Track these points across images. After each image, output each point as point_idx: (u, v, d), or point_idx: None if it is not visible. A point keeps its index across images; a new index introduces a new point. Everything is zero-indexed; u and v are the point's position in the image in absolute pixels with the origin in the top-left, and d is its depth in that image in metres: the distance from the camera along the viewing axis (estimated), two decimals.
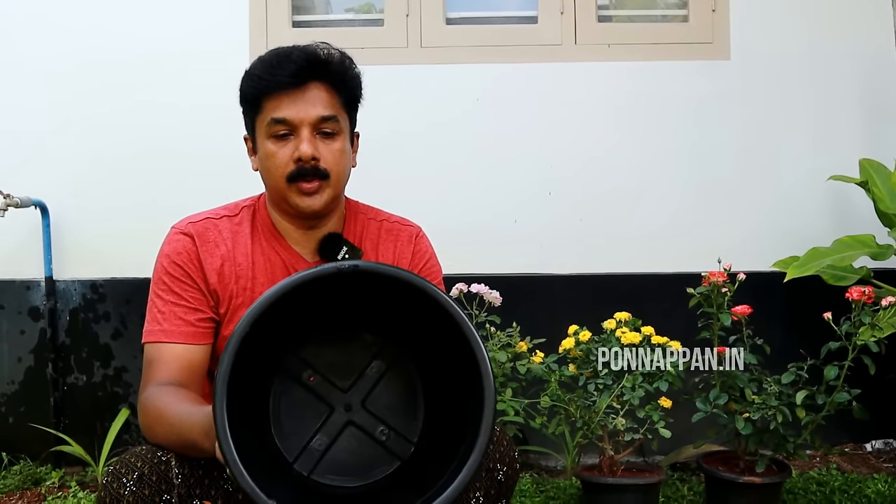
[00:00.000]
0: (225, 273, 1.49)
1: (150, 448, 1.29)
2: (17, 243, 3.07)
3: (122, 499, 1.21)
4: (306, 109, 1.43)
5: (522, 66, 3.08)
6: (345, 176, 1.51)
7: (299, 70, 1.43)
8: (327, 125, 1.45)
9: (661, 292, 2.93)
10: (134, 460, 1.25)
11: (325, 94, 1.45)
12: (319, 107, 1.44)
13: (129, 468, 1.24)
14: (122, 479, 1.22)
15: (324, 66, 1.45)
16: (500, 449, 1.42)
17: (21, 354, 3.10)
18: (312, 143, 1.43)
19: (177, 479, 1.25)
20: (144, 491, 1.22)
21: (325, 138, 1.45)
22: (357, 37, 3.10)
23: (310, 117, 1.43)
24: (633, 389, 2.29)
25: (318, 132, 1.45)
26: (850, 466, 2.85)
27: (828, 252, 2.61)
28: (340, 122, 1.47)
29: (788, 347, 2.47)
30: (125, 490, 1.22)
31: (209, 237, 1.50)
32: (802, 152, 3.07)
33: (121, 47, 3.09)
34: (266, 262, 1.52)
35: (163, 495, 1.23)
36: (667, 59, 3.08)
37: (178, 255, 1.47)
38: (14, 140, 3.09)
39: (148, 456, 1.26)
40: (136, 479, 1.23)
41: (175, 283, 1.46)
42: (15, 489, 2.86)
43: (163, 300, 1.46)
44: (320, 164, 1.44)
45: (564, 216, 3.08)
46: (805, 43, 3.07)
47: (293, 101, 1.43)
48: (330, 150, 1.45)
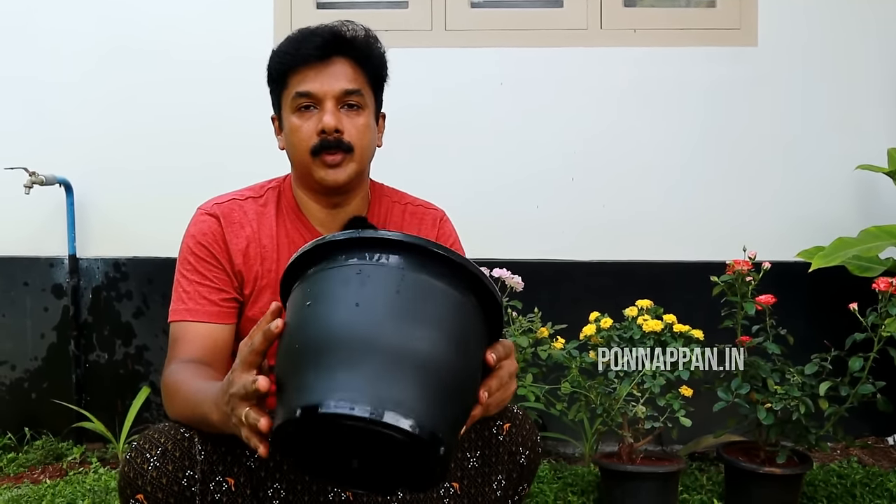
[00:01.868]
0: (250, 254, 1.50)
1: (173, 425, 1.29)
2: (42, 221, 3.10)
3: (146, 474, 1.22)
4: (330, 83, 1.45)
5: (547, 51, 3.06)
6: (369, 151, 1.52)
7: (324, 44, 1.45)
8: (351, 98, 1.46)
9: (683, 280, 2.92)
10: (157, 436, 1.26)
11: (349, 68, 1.47)
12: (343, 80, 1.46)
13: (153, 444, 1.24)
14: (145, 455, 1.23)
15: (348, 41, 1.47)
16: (522, 433, 1.42)
17: (44, 331, 3.13)
18: (336, 115, 1.45)
19: (199, 455, 1.25)
20: (168, 466, 1.23)
21: (349, 111, 1.47)
22: (381, 19, 3.09)
23: (333, 90, 1.45)
24: (654, 378, 2.28)
25: (342, 106, 1.46)
26: (871, 459, 2.83)
27: (854, 242, 2.58)
28: (365, 97, 1.49)
29: (812, 338, 2.45)
30: (149, 465, 1.22)
31: (234, 218, 1.51)
32: (829, 141, 3.03)
33: (146, 26, 3.10)
34: (290, 243, 1.53)
35: (185, 471, 1.24)
36: (693, 45, 3.05)
37: (203, 235, 1.48)
38: (39, 118, 3.11)
39: (171, 432, 1.27)
40: (159, 454, 1.23)
41: (200, 263, 1.47)
42: (37, 464, 2.90)
43: (188, 280, 1.47)
44: (344, 136, 1.45)
45: (587, 202, 3.06)
46: (833, 30, 3.03)
47: (317, 75, 1.45)
48: (354, 124, 1.47)
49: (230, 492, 1.28)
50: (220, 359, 1.46)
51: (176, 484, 1.23)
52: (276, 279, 1.47)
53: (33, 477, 2.79)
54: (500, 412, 1.39)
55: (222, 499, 1.27)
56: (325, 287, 1.02)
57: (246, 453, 1.32)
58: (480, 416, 1.06)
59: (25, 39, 3.12)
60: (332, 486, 1.39)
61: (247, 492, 1.30)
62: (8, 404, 3.13)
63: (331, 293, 1.01)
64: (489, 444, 1.40)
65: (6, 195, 2.98)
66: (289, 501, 1.37)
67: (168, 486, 1.22)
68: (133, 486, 1.22)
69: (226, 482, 1.27)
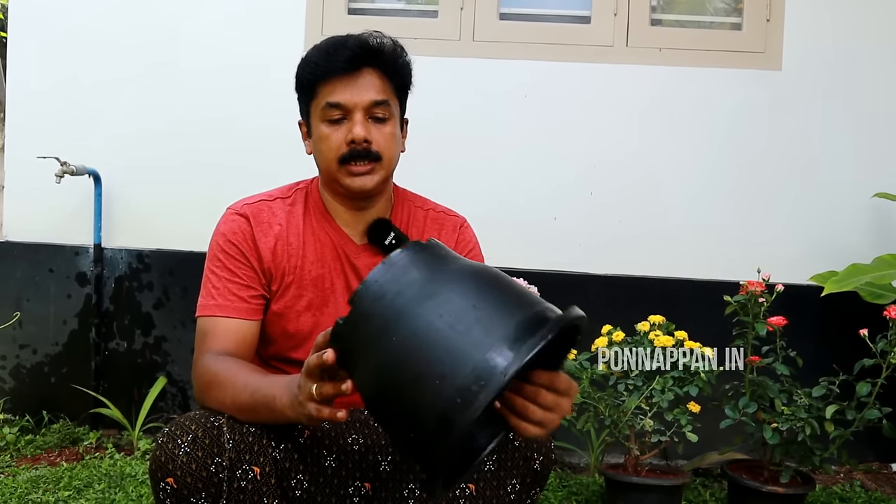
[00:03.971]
0: (278, 252, 1.55)
1: (203, 413, 1.35)
2: (70, 210, 3.17)
3: (177, 458, 1.27)
4: (360, 94, 1.50)
5: (573, 66, 3.11)
6: (395, 159, 1.57)
7: (354, 56, 1.49)
8: (379, 109, 1.51)
9: (696, 298, 2.95)
10: (188, 423, 1.31)
11: (377, 79, 1.52)
12: (372, 91, 1.50)
13: (184, 430, 1.30)
14: (176, 441, 1.29)
15: (377, 53, 1.52)
16: (538, 439, 1.45)
17: (66, 318, 3.20)
18: (365, 126, 1.50)
19: (228, 443, 1.30)
20: (197, 453, 1.28)
21: (376, 122, 1.52)
22: (411, 27, 3.15)
23: (363, 101, 1.50)
24: (663, 392, 2.31)
25: (370, 116, 1.51)
26: (874, 485, 2.85)
27: (867, 269, 2.60)
28: (392, 106, 1.53)
29: (821, 361, 2.48)
30: (179, 451, 1.28)
31: (263, 218, 1.56)
32: (847, 167, 3.06)
33: (178, 27, 3.17)
34: (316, 241, 1.58)
35: (214, 458, 1.29)
36: (718, 67, 3.08)
37: (233, 234, 1.54)
38: (73, 111, 3.19)
39: (202, 420, 1.32)
40: (190, 441, 1.29)
41: (230, 260, 1.53)
42: (54, 447, 2.97)
43: (217, 276, 1.52)
44: (372, 146, 1.51)
45: (604, 216, 3.10)
46: (855, 58, 3.06)
47: (347, 86, 1.50)
48: (382, 134, 1.52)
49: (255, 480, 1.33)
50: (248, 353, 1.51)
51: (205, 469, 1.28)
52: (301, 276, 1.54)
53: (50, 459, 2.86)
54: None
55: (248, 486, 1.32)
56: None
57: (272, 444, 1.37)
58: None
59: (65, 39, 3.20)
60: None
61: (271, 481, 1.35)
62: (28, 387, 3.20)
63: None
64: (505, 449, 1.44)
65: (37, 184, 3.04)
66: (311, 493, 1.42)
67: (197, 472, 1.28)
68: (164, 469, 1.28)
69: (252, 471, 1.32)
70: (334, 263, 1.58)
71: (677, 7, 3.28)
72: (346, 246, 1.59)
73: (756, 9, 3.09)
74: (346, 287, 1.58)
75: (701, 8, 3.26)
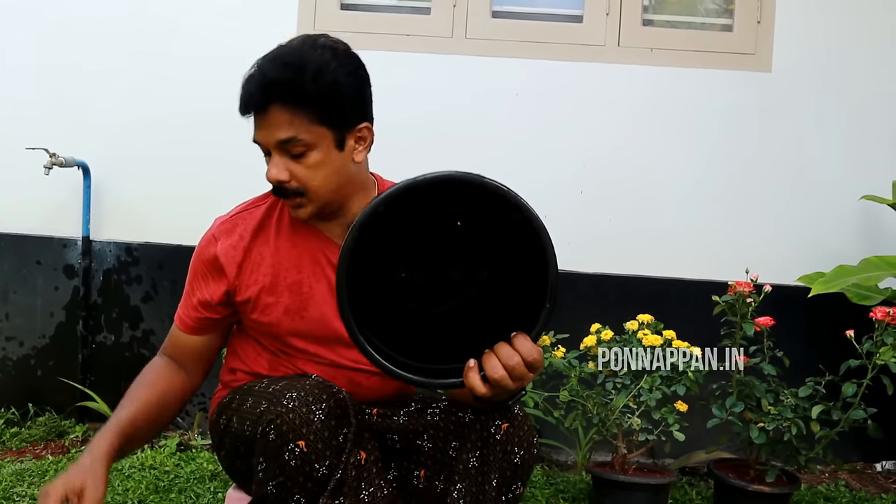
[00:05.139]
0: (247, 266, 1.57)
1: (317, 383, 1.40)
2: (58, 202, 3.15)
3: (312, 424, 1.31)
4: (268, 134, 1.45)
5: (564, 64, 3.11)
6: (327, 185, 1.49)
7: (251, 98, 1.45)
8: (291, 146, 1.44)
9: (684, 298, 2.96)
10: (319, 392, 1.35)
11: (284, 115, 1.43)
12: (278, 131, 1.44)
13: (317, 399, 1.34)
14: (311, 406, 1.32)
15: (275, 86, 1.42)
16: (519, 433, 1.46)
17: (53, 310, 3.18)
18: (279, 165, 1.46)
19: (353, 419, 1.36)
20: (331, 422, 1.33)
21: (294, 158, 1.46)
22: (403, 23, 3.14)
23: (271, 141, 1.45)
24: (651, 391, 2.33)
25: (287, 153, 1.46)
26: (858, 484, 2.87)
27: (854, 270, 2.63)
28: (308, 137, 1.44)
29: (808, 361, 2.50)
30: (315, 417, 1.32)
31: (236, 232, 1.59)
32: (836, 169, 3.08)
33: (170, 18, 3.16)
34: (292, 247, 1.58)
35: (344, 429, 1.34)
36: (708, 67, 3.09)
37: (201, 253, 1.60)
38: (62, 102, 3.17)
39: (330, 390, 1.38)
40: (325, 410, 1.33)
41: (195, 279, 1.61)
42: (39, 440, 2.95)
43: (188, 290, 1.63)
44: (290, 184, 1.47)
45: (594, 215, 3.11)
46: (847, 61, 3.08)
47: (260, 124, 1.47)
48: (301, 168, 1.46)
49: (361, 464, 1.37)
50: (193, 360, 1.65)
51: (335, 439, 1.32)
52: (274, 283, 1.56)
53: (35, 452, 2.84)
54: (502, 412, 1.44)
55: (357, 466, 1.37)
56: None
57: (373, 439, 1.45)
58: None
59: (57, 29, 3.18)
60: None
61: (373, 469, 1.38)
62: (14, 380, 3.18)
63: None
64: (487, 444, 1.45)
65: (26, 175, 3.02)
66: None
67: (329, 440, 1.32)
68: (297, 432, 1.31)
69: (359, 454, 1.37)
70: (313, 268, 1.57)
71: (669, 7, 3.29)
72: (327, 249, 1.58)
73: (747, 10, 3.10)
74: (328, 289, 1.55)
75: (692, 9, 3.27)
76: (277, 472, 1.34)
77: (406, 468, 1.52)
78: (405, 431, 1.52)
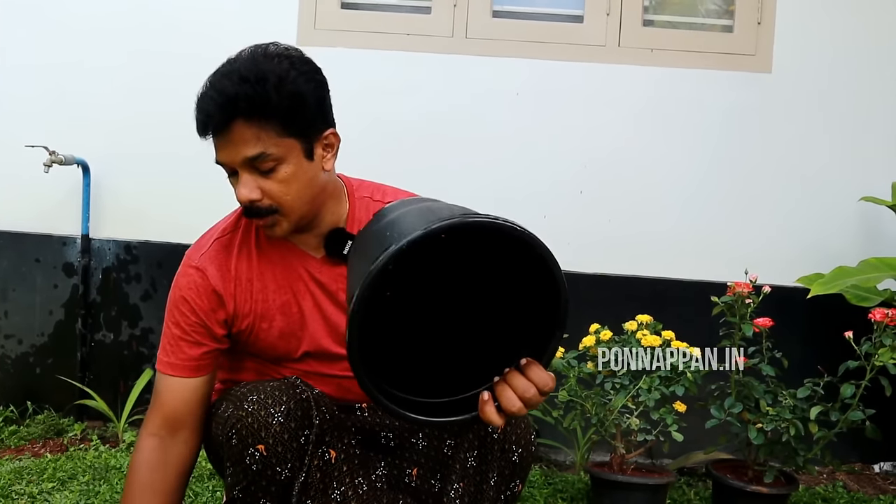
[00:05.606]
0: (239, 295, 1.51)
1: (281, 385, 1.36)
2: (58, 200, 3.15)
3: (270, 427, 1.30)
4: (233, 153, 1.38)
5: (564, 64, 3.11)
6: (301, 198, 1.43)
7: (209, 119, 1.38)
8: (260, 163, 1.38)
9: (684, 298, 2.96)
10: (279, 394, 1.33)
11: (250, 130, 1.36)
12: (244, 148, 1.37)
13: (276, 401, 1.32)
14: (269, 409, 1.31)
15: (234, 104, 1.35)
16: (516, 431, 1.47)
17: (53, 308, 3.18)
18: (249, 184, 1.39)
19: (315, 419, 1.34)
20: (291, 423, 1.31)
21: (264, 174, 1.39)
22: (404, 23, 3.14)
23: (238, 160, 1.38)
24: (650, 391, 2.33)
25: (255, 170, 1.39)
26: (856, 486, 2.88)
27: (853, 272, 2.63)
28: (276, 150, 1.38)
29: (806, 362, 2.50)
30: (273, 419, 1.30)
31: (220, 263, 1.51)
32: (836, 170, 3.08)
33: (170, 14, 3.16)
34: (274, 268, 1.53)
35: (304, 430, 1.32)
36: (709, 68, 3.10)
37: (188, 290, 1.50)
38: (62, 99, 3.17)
39: (291, 391, 1.35)
40: (283, 412, 1.31)
41: (183, 318, 1.49)
42: (38, 438, 2.95)
43: (171, 332, 1.50)
44: (262, 202, 1.40)
45: (594, 215, 3.11)
46: (847, 62, 3.08)
47: (221, 145, 1.40)
48: (273, 184, 1.39)
49: (329, 463, 1.36)
50: (195, 410, 1.51)
51: (296, 441, 1.31)
52: (265, 306, 1.51)
53: (34, 450, 2.84)
54: None
55: (323, 467, 1.35)
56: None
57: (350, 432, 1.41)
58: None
59: (56, 26, 3.18)
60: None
61: (343, 468, 1.37)
62: (12, 378, 3.18)
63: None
64: (485, 444, 1.45)
65: (26, 173, 3.02)
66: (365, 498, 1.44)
67: (289, 442, 1.31)
68: (256, 436, 1.30)
69: (328, 453, 1.35)
70: (297, 285, 1.52)
71: (669, 8, 3.29)
72: (307, 263, 1.53)
73: (747, 11, 3.10)
74: (314, 306, 1.53)
75: (693, 9, 3.27)
76: (241, 477, 1.34)
77: (398, 466, 1.52)
78: (399, 429, 1.53)
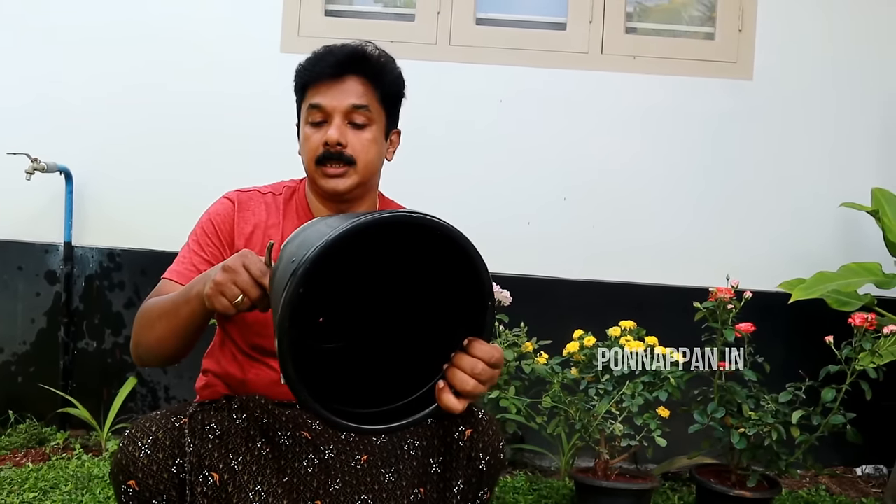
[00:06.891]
0: (253, 240, 1.58)
1: (164, 413, 1.35)
2: (40, 207, 3.13)
3: (137, 461, 1.27)
4: (340, 98, 1.53)
5: (548, 71, 3.13)
6: (373, 165, 1.58)
7: (338, 63, 1.54)
8: (359, 114, 1.54)
9: (666, 304, 2.98)
10: (149, 425, 1.31)
11: (360, 86, 1.55)
12: (353, 96, 1.54)
13: (144, 432, 1.30)
14: (137, 443, 1.29)
15: (362, 61, 1.56)
16: (483, 438, 1.47)
17: (35, 316, 3.16)
18: (341, 129, 1.53)
19: (189, 446, 1.31)
20: (158, 455, 1.29)
21: (355, 128, 1.55)
22: (387, 30, 3.15)
23: (342, 106, 1.53)
24: (633, 397, 2.34)
25: (350, 122, 1.54)
26: (838, 489, 2.90)
27: (834, 277, 2.65)
28: (373, 113, 1.56)
29: (788, 367, 2.52)
30: (140, 453, 1.28)
31: (249, 206, 1.61)
32: (817, 177, 3.11)
33: (156, 25, 3.16)
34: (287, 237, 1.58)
35: (175, 459, 1.29)
36: (690, 75, 3.12)
37: (217, 214, 1.59)
38: (46, 108, 3.15)
39: (162, 421, 1.32)
40: (150, 443, 1.29)
41: (203, 236, 1.58)
42: (20, 447, 2.93)
43: (188, 248, 1.58)
44: (346, 150, 1.54)
45: (577, 222, 3.13)
46: (827, 70, 3.11)
47: (329, 90, 1.54)
48: (359, 139, 1.55)
49: (215, 486, 1.32)
50: None
51: (166, 471, 1.28)
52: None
53: (16, 460, 2.82)
54: (465, 417, 1.44)
55: (208, 492, 1.31)
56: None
57: (230, 454, 1.36)
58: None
59: (40, 35, 3.17)
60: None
61: (229, 489, 1.34)
62: None
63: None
64: (450, 450, 1.45)
65: (8, 180, 3.01)
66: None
67: (158, 474, 1.28)
68: (125, 472, 1.28)
69: (211, 477, 1.32)
70: None
71: (652, 16, 3.31)
72: None
73: (729, 19, 3.13)
74: None
75: (675, 17, 3.30)
76: None
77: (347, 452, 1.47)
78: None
